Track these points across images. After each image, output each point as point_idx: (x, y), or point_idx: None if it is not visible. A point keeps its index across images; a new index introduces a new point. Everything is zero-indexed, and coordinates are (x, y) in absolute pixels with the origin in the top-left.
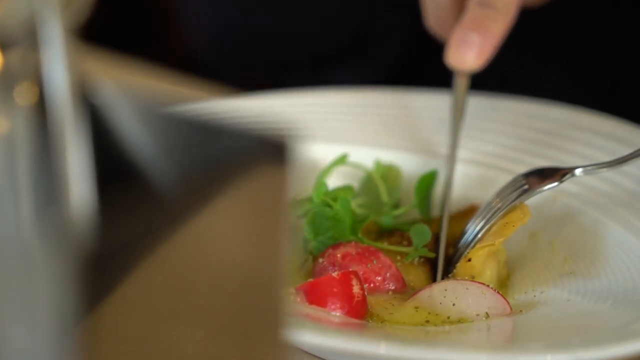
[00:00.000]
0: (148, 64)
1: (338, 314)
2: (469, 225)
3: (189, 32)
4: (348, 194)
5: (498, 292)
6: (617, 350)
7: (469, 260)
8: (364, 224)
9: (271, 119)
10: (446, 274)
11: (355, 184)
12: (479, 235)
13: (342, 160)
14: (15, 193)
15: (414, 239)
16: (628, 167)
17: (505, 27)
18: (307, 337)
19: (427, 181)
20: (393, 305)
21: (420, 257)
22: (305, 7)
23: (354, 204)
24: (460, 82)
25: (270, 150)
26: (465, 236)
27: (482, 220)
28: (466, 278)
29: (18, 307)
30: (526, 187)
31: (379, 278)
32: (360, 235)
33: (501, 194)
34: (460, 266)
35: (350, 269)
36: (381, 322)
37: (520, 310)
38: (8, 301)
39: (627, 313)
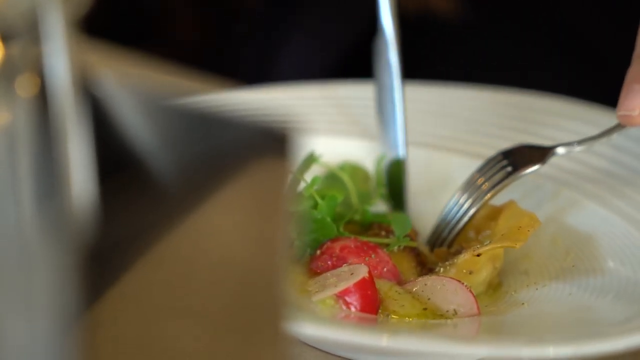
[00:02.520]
0: (149, 56)
1: (353, 309)
2: (451, 201)
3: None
4: (338, 194)
5: (470, 291)
6: (619, 343)
7: (479, 255)
8: (343, 221)
9: (272, 112)
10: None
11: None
12: (471, 213)
13: (312, 160)
14: (16, 185)
15: (395, 228)
16: (631, 162)
17: None
18: (308, 330)
19: (395, 170)
20: (400, 294)
21: (405, 247)
22: None
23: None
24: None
25: (271, 143)
26: (451, 213)
27: (467, 198)
28: (464, 271)
29: (17, 302)
30: (509, 168)
31: (376, 272)
32: (342, 230)
33: (483, 172)
34: (466, 259)
35: (349, 261)
36: (396, 316)
37: (523, 304)
38: (7, 295)
39: (629, 307)
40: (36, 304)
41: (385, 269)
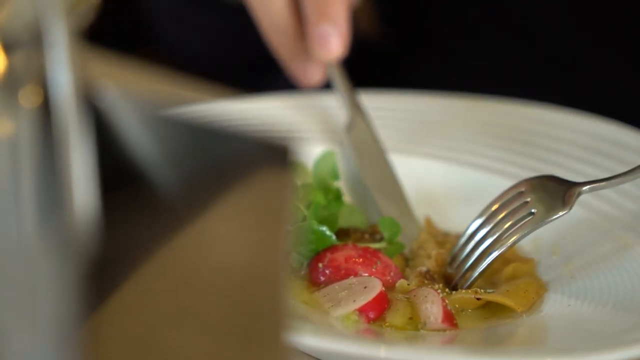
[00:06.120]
0: (152, 67)
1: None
2: (470, 229)
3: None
4: (319, 198)
5: (445, 307)
6: (617, 355)
7: (479, 299)
8: (335, 228)
9: (273, 122)
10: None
11: None
12: (492, 257)
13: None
14: (19, 196)
15: (384, 232)
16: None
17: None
18: (307, 340)
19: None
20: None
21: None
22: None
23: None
24: (338, 70)
25: (272, 153)
26: (469, 245)
27: (487, 229)
28: (457, 306)
29: (20, 311)
30: (533, 210)
31: (387, 278)
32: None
33: (505, 204)
34: (464, 299)
35: (358, 272)
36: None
37: (521, 314)
38: (10, 305)
39: (628, 318)
40: (38, 315)
41: (392, 273)
